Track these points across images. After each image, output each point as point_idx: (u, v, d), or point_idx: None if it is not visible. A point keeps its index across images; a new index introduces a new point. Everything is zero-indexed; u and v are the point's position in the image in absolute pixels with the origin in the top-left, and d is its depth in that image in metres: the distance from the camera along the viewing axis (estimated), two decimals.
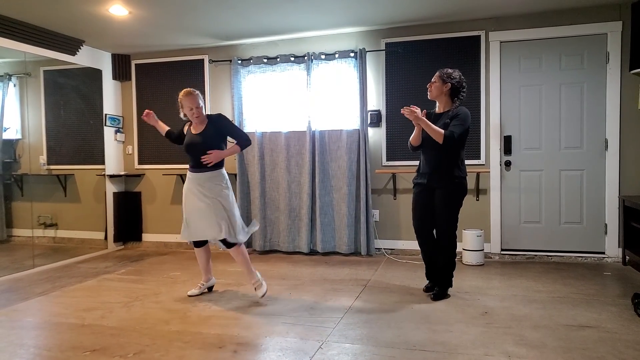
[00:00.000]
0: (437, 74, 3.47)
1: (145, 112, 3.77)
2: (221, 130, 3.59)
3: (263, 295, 3.55)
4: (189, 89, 3.59)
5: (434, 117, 3.49)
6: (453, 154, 3.39)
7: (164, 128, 3.88)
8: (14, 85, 4.81)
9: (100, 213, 5.65)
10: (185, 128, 3.72)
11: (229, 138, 3.67)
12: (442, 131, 3.27)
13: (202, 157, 3.49)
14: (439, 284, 3.56)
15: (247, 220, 5.37)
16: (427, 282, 3.73)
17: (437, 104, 3.53)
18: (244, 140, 3.61)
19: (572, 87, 4.62)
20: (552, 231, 4.72)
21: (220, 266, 4.75)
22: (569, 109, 4.63)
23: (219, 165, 3.58)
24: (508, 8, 4.46)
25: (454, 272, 3.57)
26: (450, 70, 3.43)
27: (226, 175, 3.65)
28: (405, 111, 3.31)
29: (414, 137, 3.52)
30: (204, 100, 3.78)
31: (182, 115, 3.65)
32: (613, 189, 4.53)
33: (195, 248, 3.75)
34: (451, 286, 3.59)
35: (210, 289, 3.87)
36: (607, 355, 2.49)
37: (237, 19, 4.57)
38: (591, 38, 4.54)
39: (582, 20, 4.51)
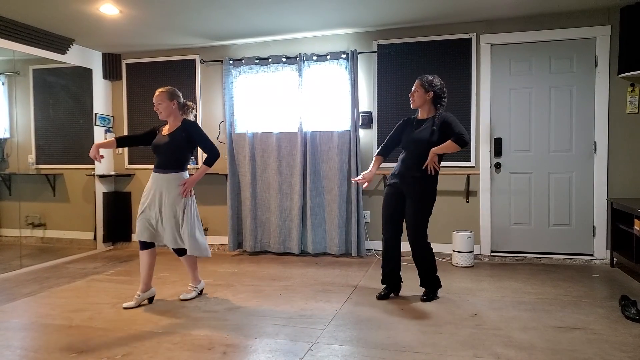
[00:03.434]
0: (417, 82, 3.48)
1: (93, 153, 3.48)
2: (192, 138, 3.54)
3: (183, 299, 3.63)
4: (162, 88, 3.59)
5: (416, 123, 3.53)
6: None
7: (111, 143, 3.60)
8: (3, 84, 4.76)
9: (90, 213, 5.60)
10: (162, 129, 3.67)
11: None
12: (452, 143, 3.29)
13: (180, 191, 3.46)
14: (426, 286, 3.57)
15: (239, 220, 5.37)
16: (382, 287, 3.67)
17: (420, 111, 3.56)
18: (212, 155, 3.55)
19: (562, 90, 4.66)
20: (542, 233, 4.76)
21: (210, 267, 4.74)
22: (558, 112, 4.67)
23: (181, 167, 3.54)
24: (499, 11, 4.49)
25: (437, 273, 3.58)
26: (430, 78, 3.45)
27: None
28: (434, 167, 3.36)
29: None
30: (184, 101, 3.69)
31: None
32: (601, 191, 4.57)
33: (140, 250, 3.55)
34: (440, 287, 3.61)
35: (150, 300, 3.61)
36: (594, 357, 2.52)
37: (229, 18, 4.55)
38: (580, 42, 4.58)
39: (572, 24, 4.55)
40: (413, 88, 3.50)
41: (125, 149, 5.85)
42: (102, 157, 3.52)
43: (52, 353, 2.69)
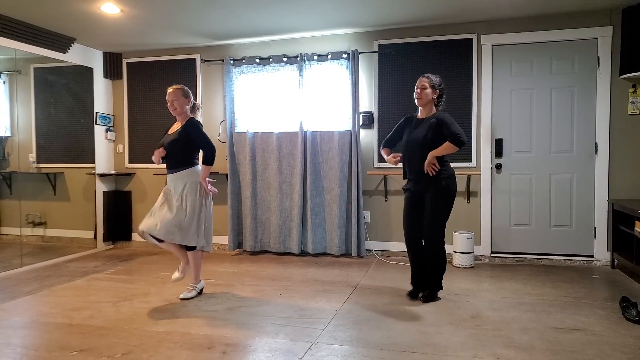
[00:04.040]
0: (424, 80, 3.44)
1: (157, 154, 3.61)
2: (190, 136, 3.55)
3: (183, 299, 3.63)
4: (177, 85, 3.66)
5: (415, 122, 3.52)
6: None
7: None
8: (4, 83, 4.76)
9: (90, 212, 5.60)
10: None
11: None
12: (449, 144, 3.28)
13: (208, 189, 3.56)
14: (429, 287, 3.56)
15: (239, 220, 5.37)
16: (411, 287, 3.66)
17: (420, 110, 3.53)
18: (207, 152, 3.53)
19: (563, 91, 4.65)
20: (542, 234, 4.75)
21: (210, 266, 4.74)
22: (559, 112, 4.67)
23: (189, 163, 3.55)
24: (500, 12, 4.49)
25: (443, 275, 3.58)
26: (434, 77, 3.46)
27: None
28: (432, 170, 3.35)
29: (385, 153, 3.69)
30: (194, 100, 3.75)
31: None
32: (602, 192, 4.56)
33: (158, 243, 3.61)
34: (442, 288, 3.60)
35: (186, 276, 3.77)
36: (595, 358, 2.51)
37: (230, 18, 4.55)
38: (582, 43, 4.58)
39: (573, 24, 4.55)
40: (421, 85, 3.44)
41: (126, 147, 5.85)
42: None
43: (52, 351, 2.69)
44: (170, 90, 3.59)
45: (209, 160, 3.56)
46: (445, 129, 3.31)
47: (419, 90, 3.45)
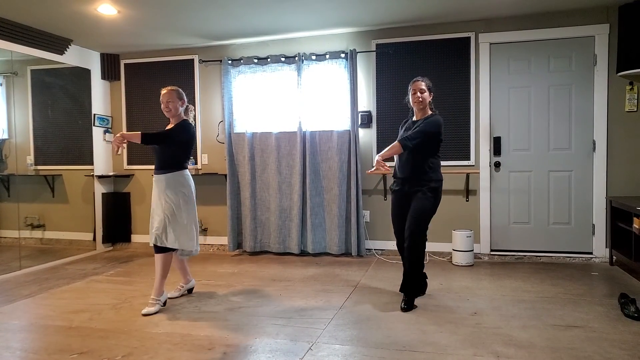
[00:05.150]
0: (422, 84, 3.43)
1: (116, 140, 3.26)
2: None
3: (145, 314, 3.33)
4: (170, 86, 3.59)
5: (411, 124, 3.52)
6: (423, 159, 3.39)
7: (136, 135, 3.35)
8: (1, 85, 4.75)
9: (89, 214, 5.60)
10: None
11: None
12: (396, 143, 3.33)
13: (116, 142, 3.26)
14: (406, 290, 3.41)
15: (239, 220, 5.37)
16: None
17: (416, 112, 3.52)
18: (159, 135, 3.36)
19: (561, 89, 4.66)
20: (541, 232, 4.76)
21: (210, 267, 4.74)
22: (557, 110, 4.68)
23: (176, 167, 3.47)
24: (498, 10, 4.49)
25: (423, 271, 3.52)
26: (427, 80, 3.47)
27: (187, 178, 3.52)
28: (381, 168, 3.37)
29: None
30: (190, 102, 3.72)
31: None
32: (600, 189, 4.57)
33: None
34: (422, 294, 3.60)
35: (190, 291, 3.84)
36: (594, 355, 2.52)
37: (228, 18, 4.55)
38: (579, 40, 4.58)
39: (571, 22, 4.56)
40: (419, 89, 3.42)
41: (125, 149, 5.84)
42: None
43: (52, 354, 2.69)
44: (164, 91, 3.53)
45: (149, 137, 3.30)
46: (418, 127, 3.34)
47: (419, 94, 3.43)
